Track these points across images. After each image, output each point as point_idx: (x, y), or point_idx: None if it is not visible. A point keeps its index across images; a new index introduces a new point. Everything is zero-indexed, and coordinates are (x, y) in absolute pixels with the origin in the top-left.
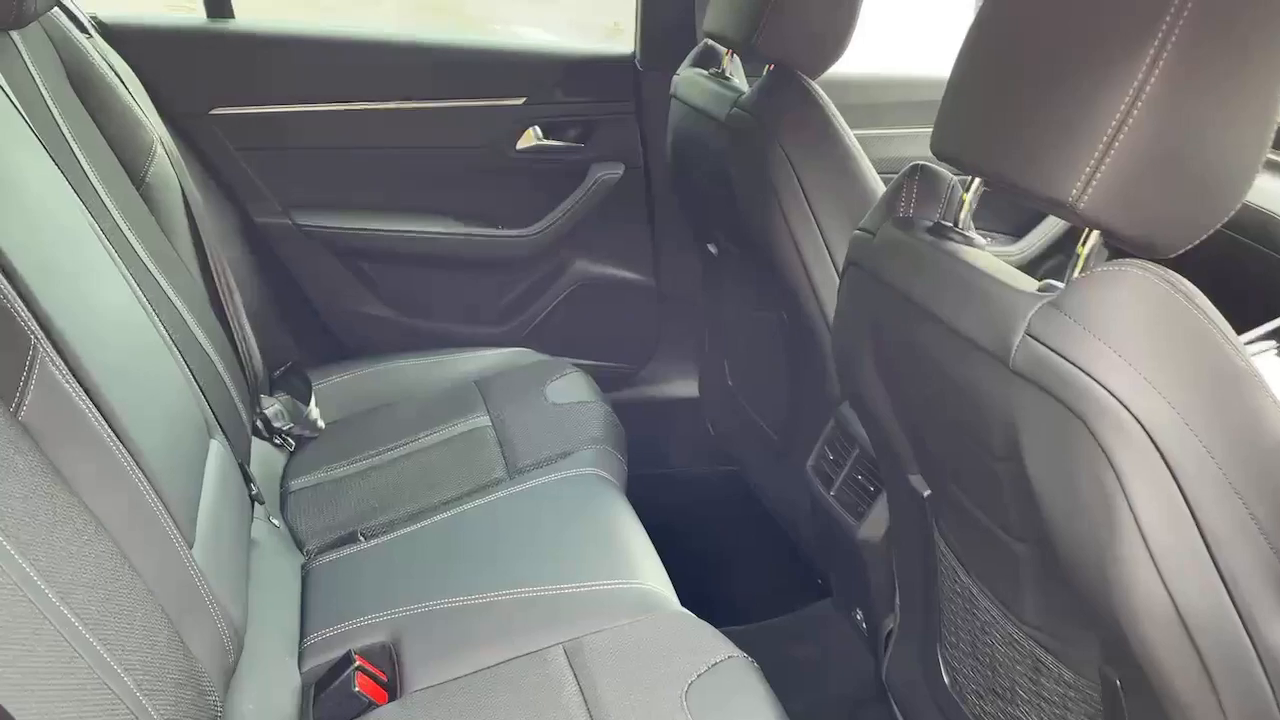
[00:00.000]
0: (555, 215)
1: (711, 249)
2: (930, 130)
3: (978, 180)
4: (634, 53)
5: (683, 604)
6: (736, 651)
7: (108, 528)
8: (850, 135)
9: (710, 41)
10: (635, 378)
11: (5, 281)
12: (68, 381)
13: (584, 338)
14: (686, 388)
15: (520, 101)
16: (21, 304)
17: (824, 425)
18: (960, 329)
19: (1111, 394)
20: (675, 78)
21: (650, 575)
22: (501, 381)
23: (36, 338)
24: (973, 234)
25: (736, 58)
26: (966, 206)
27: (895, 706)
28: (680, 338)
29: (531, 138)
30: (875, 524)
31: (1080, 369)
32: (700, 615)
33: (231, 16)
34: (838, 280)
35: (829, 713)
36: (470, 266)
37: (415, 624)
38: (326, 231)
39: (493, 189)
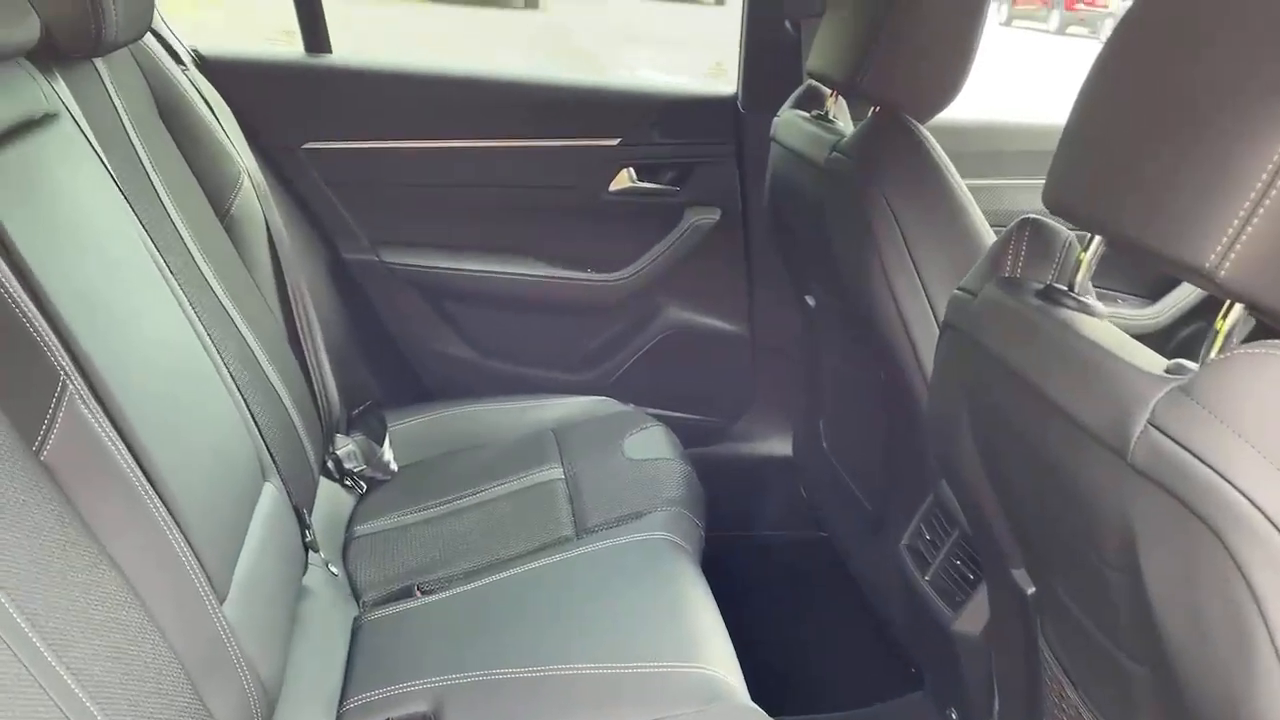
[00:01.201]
0: (646, 260)
1: (809, 300)
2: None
3: (1098, 239)
4: (736, 93)
5: (755, 684)
6: None
7: (129, 578)
8: (961, 185)
9: (814, 82)
10: (725, 433)
11: (39, 315)
12: (98, 421)
13: (671, 389)
14: (780, 446)
15: (615, 142)
16: (54, 338)
17: (922, 500)
18: (1071, 411)
19: (1249, 499)
20: (775, 119)
21: (717, 659)
22: (579, 432)
23: (67, 374)
24: (1090, 300)
25: (841, 99)
26: (1084, 268)
27: None
28: (775, 393)
29: (625, 179)
30: (973, 617)
31: (1212, 468)
32: (774, 700)
33: (329, 51)
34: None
35: None
36: (556, 310)
37: (460, 695)
38: (413, 269)
39: (583, 231)
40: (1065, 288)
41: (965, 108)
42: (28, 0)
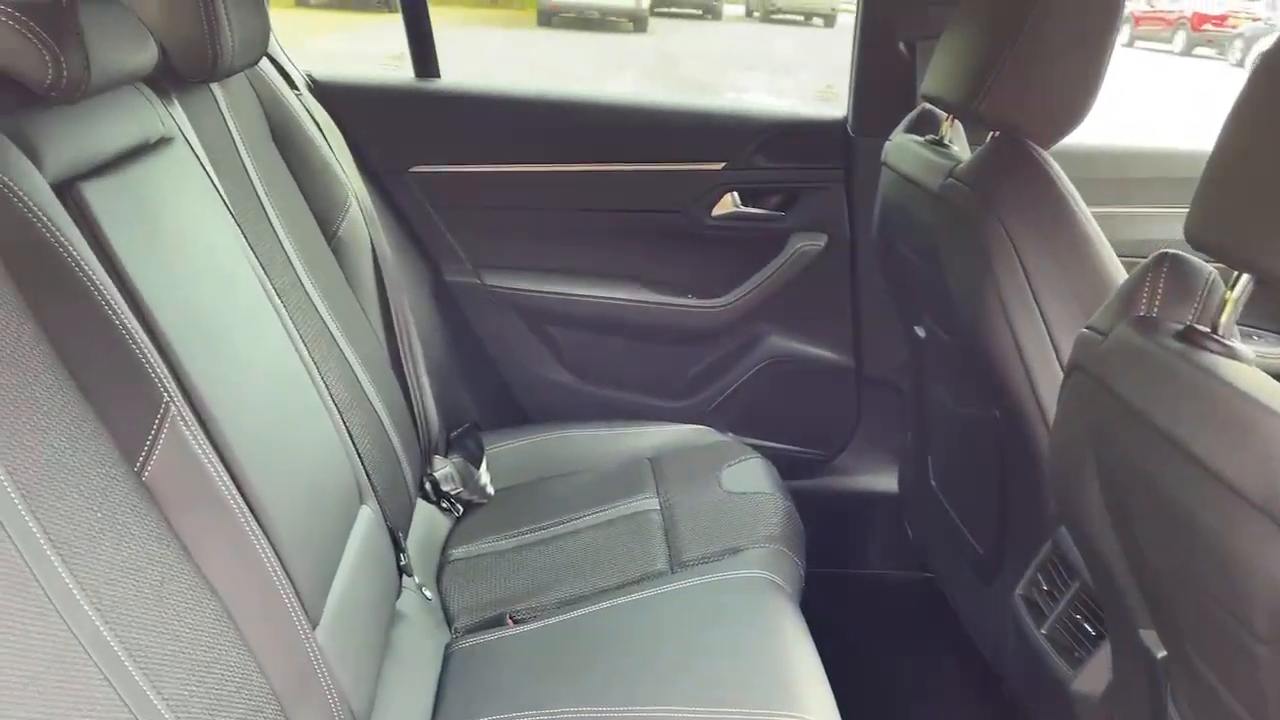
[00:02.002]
0: (749, 286)
1: (919, 332)
2: (1185, 210)
3: (1246, 277)
4: (846, 116)
5: None
6: None
7: (224, 602)
8: (1087, 213)
9: (929, 105)
10: (827, 467)
11: (145, 336)
12: (198, 442)
13: (772, 419)
14: (884, 482)
15: (719, 166)
16: (159, 359)
17: (1038, 547)
18: (1214, 468)
19: None
20: (887, 144)
21: (815, 707)
22: (676, 461)
23: (170, 395)
24: (1236, 344)
25: (958, 124)
26: (1230, 308)
27: None
28: (881, 426)
29: (729, 204)
30: (1094, 676)
31: None
32: None
33: (438, 76)
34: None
35: None
36: (656, 336)
37: None
38: (514, 292)
39: (685, 256)
40: (1208, 329)
41: (1089, 132)
42: (146, 27)
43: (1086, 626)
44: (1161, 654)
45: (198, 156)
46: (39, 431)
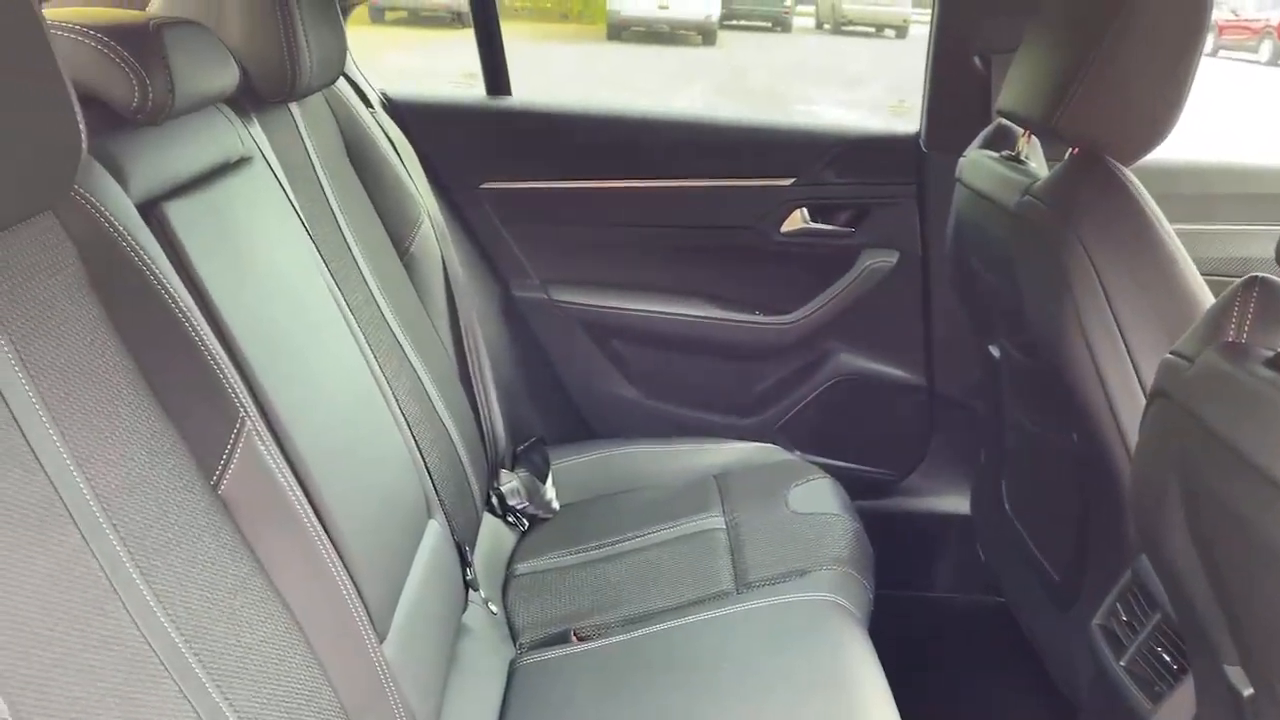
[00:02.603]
0: (818, 303)
1: (993, 351)
2: (1273, 228)
3: None
4: (918, 132)
5: None
6: None
7: (294, 613)
8: (1171, 233)
9: (1005, 121)
10: (896, 487)
11: (223, 352)
12: (273, 457)
13: (840, 438)
14: (956, 504)
15: (789, 182)
16: (236, 375)
17: (1118, 576)
18: None
19: None
20: (961, 160)
21: None
22: (742, 480)
23: (246, 410)
24: None
25: (1035, 139)
26: None
27: None
28: (953, 447)
29: (799, 220)
30: (1176, 711)
31: None
32: None
33: (509, 93)
34: (1144, 406)
35: None
36: (723, 352)
37: None
38: (581, 308)
39: (753, 272)
40: None
41: (1171, 146)
42: (228, 49)
43: (1168, 660)
44: (1248, 691)
45: (276, 175)
46: (120, 445)
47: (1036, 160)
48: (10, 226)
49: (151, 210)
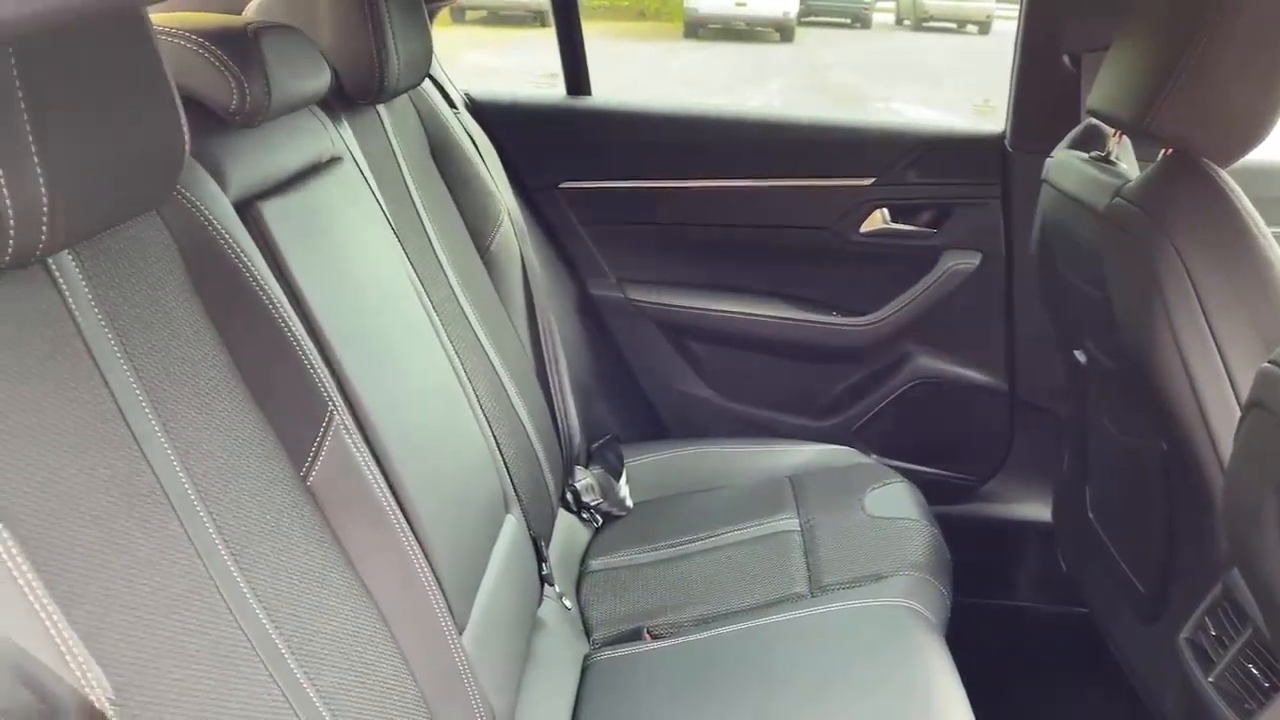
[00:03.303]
0: (897, 304)
1: (1079, 356)
2: None
3: None
4: (1003, 132)
5: None
6: None
7: (377, 603)
8: (1269, 238)
9: (1095, 121)
10: (976, 493)
11: (313, 347)
12: (359, 450)
13: (918, 442)
14: (1037, 510)
15: (868, 182)
16: (325, 370)
17: (1208, 590)
18: None
19: None
20: (1049, 160)
21: None
22: (817, 482)
23: (334, 404)
24: None
25: (1126, 140)
26: None
27: None
28: (1034, 453)
29: (879, 220)
30: None
31: None
32: None
33: (589, 94)
34: (1239, 416)
35: None
36: (799, 353)
37: None
38: (657, 307)
39: (831, 273)
40: None
41: (1271, 148)
42: (322, 54)
43: (1259, 676)
44: None
45: (364, 175)
46: (216, 436)
47: (1127, 161)
48: (119, 224)
49: (247, 209)
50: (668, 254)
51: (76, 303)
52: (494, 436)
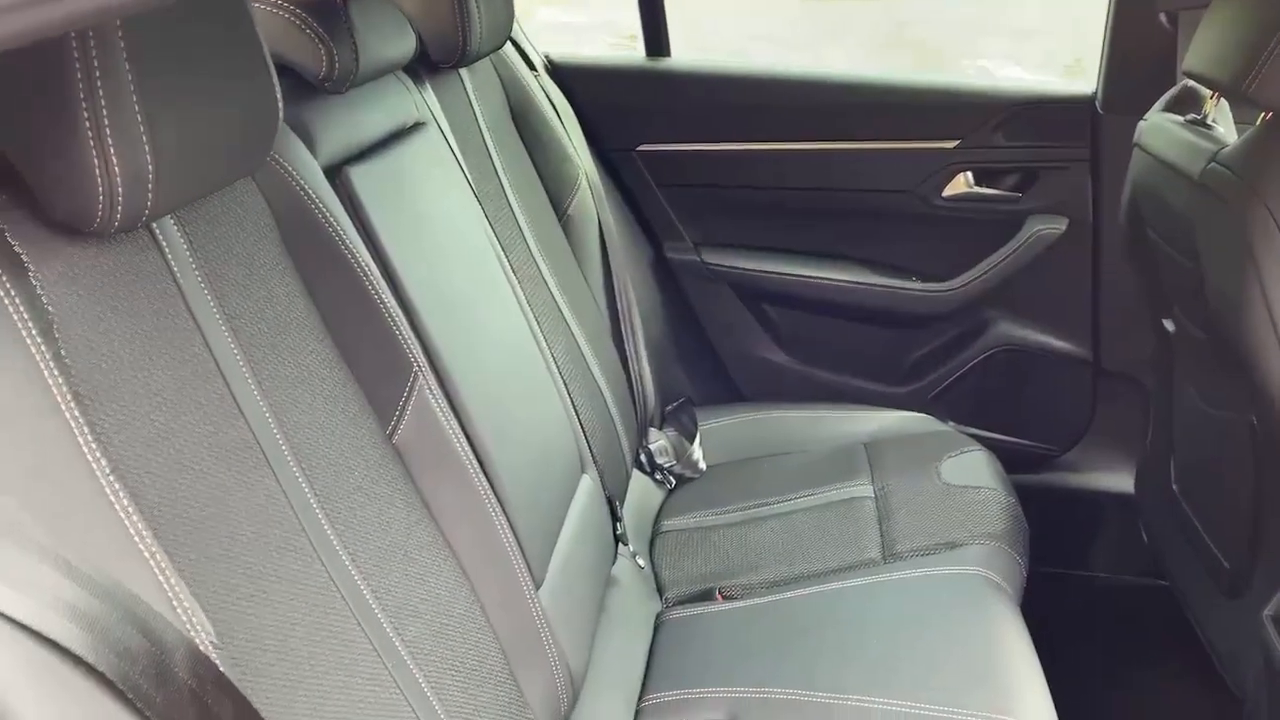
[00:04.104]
0: (980, 270)
1: (1168, 325)
2: None
3: None
4: (1094, 93)
5: None
6: None
7: (459, 559)
8: None
9: (1191, 83)
10: (1056, 462)
11: (398, 308)
12: (442, 409)
13: (997, 410)
14: (1119, 481)
15: (952, 145)
16: (410, 331)
17: None
18: None
19: None
20: (1141, 123)
21: (1033, 714)
22: (893, 449)
23: (419, 364)
24: None
25: (1224, 103)
26: None
27: None
28: (1118, 423)
29: (962, 184)
30: None
31: None
32: None
33: (668, 55)
34: None
35: None
36: (877, 319)
37: (755, 710)
38: (733, 271)
39: (912, 237)
40: None
41: None
42: (407, 19)
43: None
44: None
45: (447, 139)
46: (307, 394)
47: (1225, 125)
48: (218, 190)
49: (336, 174)
50: (745, 217)
51: (179, 266)
52: (570, 398)
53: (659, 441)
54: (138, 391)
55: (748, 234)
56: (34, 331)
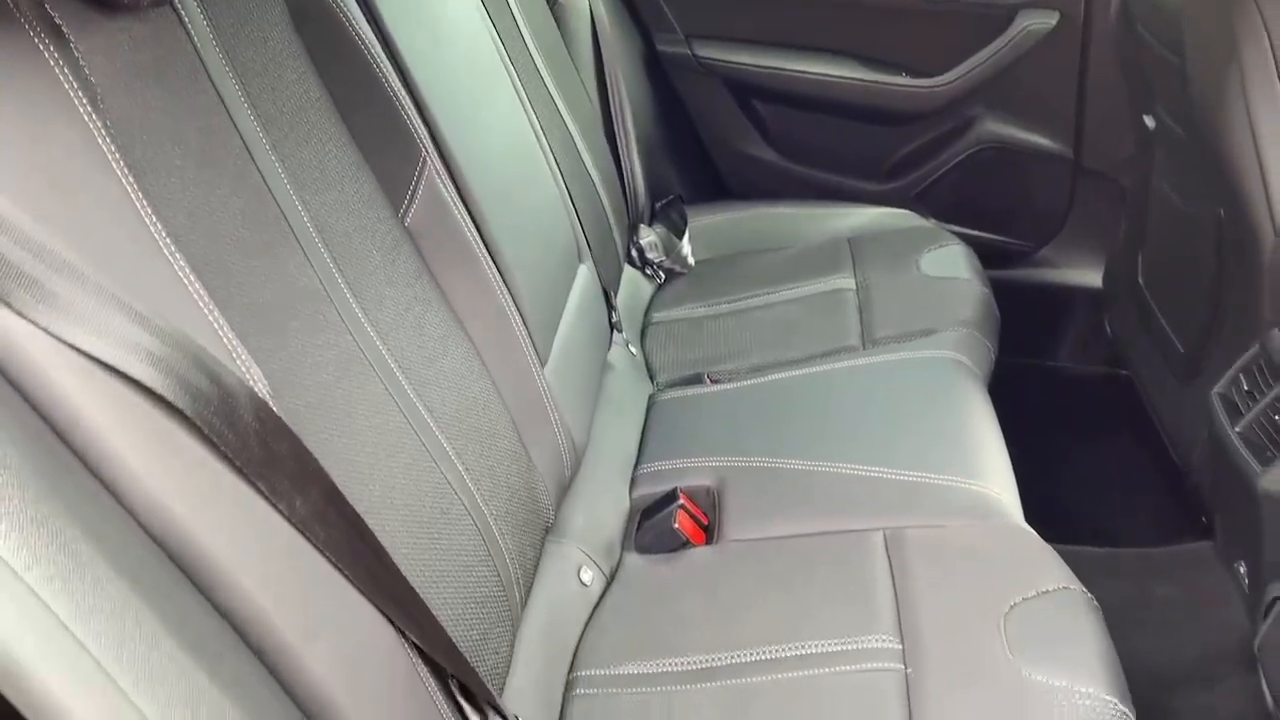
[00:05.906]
0: (968, 66)
1: (1148, 121)
2: None
3: None
4: None
5: (1031, 510)
6: (1075, 584)
7: (470, 335)
8: None
9: None
10: (1030, 258)
11: (408, 98)
12: (450, 195)
13: (978, 206)
14: (1087, 277)
15: None
16: (419, 119)
17: (1245, 349)
18: None
19: None
20: None
21: (995, 479)
22: (875, 243)
23: (426, 150)
24: None
25: None
26: None
27: (1264, 682)
28: (1092, 220)
29: None
30: None
31: None
32: (1049, 528)
33: None
34: None
35: (1178, 667)
36: (865, 115)
37: (741, 476)
38: (723, 65)
39: (901, 31)
40: None
41: None
42: None
43: None
44: None
45: None
46: (326, 174)
47: None
48: None
49: None
50: (735, 8)
51: (201, 43)
52: (567, 189)
53: (649, 237)
54: (174, 164)
55: (739, 26)
56: (84, 100)
